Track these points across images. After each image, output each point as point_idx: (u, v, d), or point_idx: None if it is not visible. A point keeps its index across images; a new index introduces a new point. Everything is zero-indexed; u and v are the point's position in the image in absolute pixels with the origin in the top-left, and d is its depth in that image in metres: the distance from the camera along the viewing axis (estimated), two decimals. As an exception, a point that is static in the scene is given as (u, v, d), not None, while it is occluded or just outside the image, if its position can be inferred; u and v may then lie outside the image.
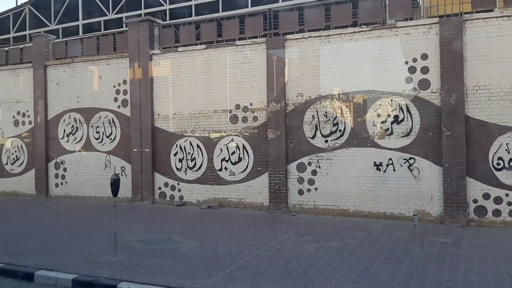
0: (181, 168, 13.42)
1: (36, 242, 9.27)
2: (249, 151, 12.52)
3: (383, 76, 11.12)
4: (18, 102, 16.04)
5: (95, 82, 14.70)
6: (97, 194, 14.65)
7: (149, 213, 12.38)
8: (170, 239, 9.34)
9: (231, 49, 12.73)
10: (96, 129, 14.69)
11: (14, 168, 16.14)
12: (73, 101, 15.05)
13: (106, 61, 14.54)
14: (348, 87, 11.43)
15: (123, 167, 14.27)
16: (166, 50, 13.66)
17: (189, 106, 13.29)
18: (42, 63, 15.46)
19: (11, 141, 16.21)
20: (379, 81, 11.16)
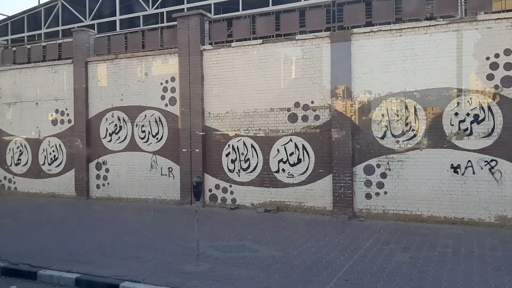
0: (234, 169, 12.72)
1: (100, 248, 8.59)
2: (310, 152, 11.81)
3: (461, 72, 10.38)
4: (56, 99, 15.41)
5: (141, 79, 14.05)
6: (141, 196, 13.99)
7: (204, 216, 11.66)
8: (244, 246, 8.64)
9: (291, 43, 12.03)
10: (141, 128, 14.03)
11: (52, 168, 15.51)
12: (117, 99, 14.40)
13: (153, 57, 13.88)
14: (422, 83, 10.70)
15: (171, 168, 13.60)
16: (218, 46, 12.98)
17: (243, 104, 12.60)
18: (83, 59, 14.83)
19: (48, 141, 15.58)
20: (456, 77, 10.43)
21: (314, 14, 11.94)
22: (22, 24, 20.53)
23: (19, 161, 16.12)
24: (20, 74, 16.11)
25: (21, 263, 7.62)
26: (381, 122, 11.07)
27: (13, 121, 16.25)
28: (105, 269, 7.27)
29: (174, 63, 13.49)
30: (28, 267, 7.39)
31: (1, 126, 16.45)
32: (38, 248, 8.59)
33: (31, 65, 15.94)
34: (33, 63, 16.02)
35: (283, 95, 12.10)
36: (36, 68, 15.80)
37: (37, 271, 7.22)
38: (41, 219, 11.77)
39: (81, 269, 7.27)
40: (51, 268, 7.30)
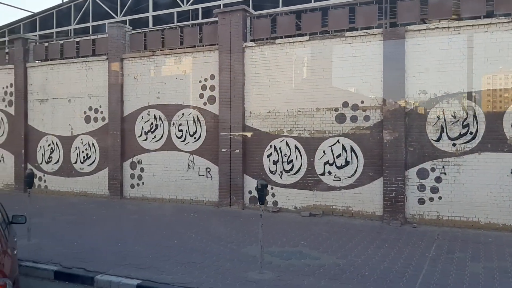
0: (276, 171, 12.28)
1: (152, 251, 8.21)
2: (359, 154, 11.33)
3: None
4: (90, 97, 15.10)
5: (179, 77, 13.67)
6: (178, 196, 13.61)
7: (247, 219, 11.26)
8: (302, 253, 8.20)
9: (339, 41, 11.56)
10: (178, 127, 13.65)
11: (84, 167, 15.19)
12: (153, 97, 14.04)
13: (192, 55, 13.50)
14: (482, 84, 10.17)
15: (208, 168, 13.20)
16: (261, 43, 12.55)
17: (287, 103, 12.16)
18: (118, 56, 14.49)
19: (81, 138, 15.27)
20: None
21: (365, 10, 11.46)
22: (50, 20, 20.30)
23: (50, 159, 15.84)
24: (52, 70, 15.83)
25: (74, 267, 7.26)
26: (437, 123, 10.55)
27: (44, 118, 15.97)
28: (165, 275, 6.87)
29: (214, 61, 13.08)
30: (84, 272, 7.02)
31: (32, 123, 16.19)
32: (88, 251, 8.22)
33: (64, 61, 15.64)
34: (66, 59, 15.72)
35: (330, 95, 11.64)
36: (69, 65, 15.50)
37: (94, 276, 6.84)
38: (79, 219, 11.43)
39: (139, 274, 6.89)
40: (108, 273, 6.92)
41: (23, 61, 16.24)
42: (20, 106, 16.26)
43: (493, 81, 10.12)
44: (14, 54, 16.49)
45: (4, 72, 16.88)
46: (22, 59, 16.24)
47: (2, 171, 16.86)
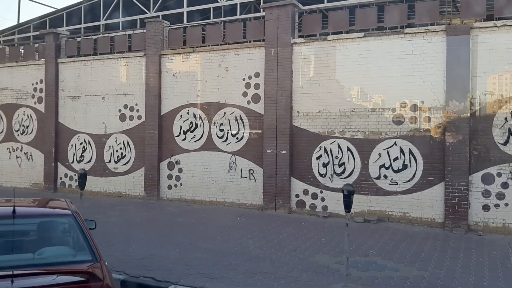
0: (326, 174, 11.72)
1: (213, 259, 7.67)
2: (418, 157, 10.74)
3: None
4: (125, 94, 14.59)
5: (221, 74, 13.13)
6: (218, 199, 13.07)
7: (299, 225, 10.69)
8: (377, 263, 7.63)
9: (397, 37, 10.99)
10: (219, 126, 13.11)
11: (119, 167, 14.68)
12: (193, 95, 13.52)
13: (235, 51, 12.96)
14: (556, 85, 9.57)
15: (252, 170, 12.65)
16: (311, 39, 12.00)
17: (339, 103, 11.60)
18: (156, 52, 13.98)
19: (115, 137, 14.77)
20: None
21: (426, 6, 10.88)
22: (78, 15, 19.81)
23: (82, 158, 15.35)
24: (85, 66, 15.34)
25: (142, 275, 6.73)
26: (504, 126, 9.96)
27: (76, 116, 15.48)
28: (242, 286, 6.33)
29: (259, 58, 12.55)
30: (154, 282, 6.49)
31: (63, 121, 15.71)
32: (147, 257, 7.70)
33: (98, 57, 15.16)
34: (100, 55, 15.24)
35: (387, 94, 11.06)
36: (103, 61, 15.01)
37: (167, 286, 6.30)
38: (123, 221, 10.92)
39: (212, 285, 6.35)
40: (180, 284, 6.38)
41: (54, 57, 15.76)
42: (50, 103, 15.78)
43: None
44: (45, 49, 16.01)
45: (33, 68, 16.42)
46: (53, 55, 15.76)
47: (31, 169, 16.40)
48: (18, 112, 16.65)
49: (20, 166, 16.60)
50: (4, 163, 16.94)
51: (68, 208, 5.02)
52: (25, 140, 16.50)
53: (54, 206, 5.32)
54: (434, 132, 10.58)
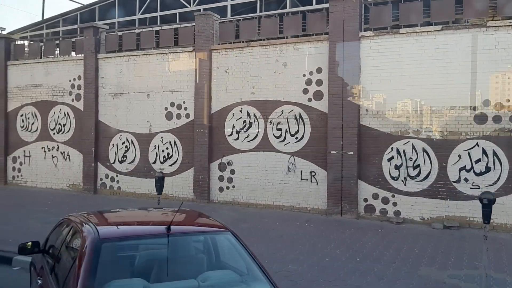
0: (398, 176, 10.95)
1: (311, 272, 6.92)
2: (503, 159, 9.96)
3: None
4: (172, 91, 13.84)
5: (278, 70, 12.37)
6: (275, 202, 12.32)
7: (375, 232, 9.92)
8: (494, 278, 6.86)
9: (479, 31, 10.20)
10: (276, 125, 12.35)
11: (165, 167, 13.94)
12: (247, 92, 12.76)
13: (294, 45, 12.19)
14: None
15: (313, 172, 11.89)
16: (381, 32, 11.22)
17: (413, 100, 10.83)
18: (206, 47, 13.22)
19: (161, 137, 14.02)
20: None
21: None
22: (111, 9, 19.05)
23: (125, 158, 14.62)
24: (128, 62, 14.60)
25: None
26: None
27: (118, 114, 14.75)
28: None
29: (322, 52, 11.78)
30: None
31: (104, 119, 14.97)
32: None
33: (141, 52, 14.40)
34: (143, 50, 14.49)
35: (467, 91, 10.28)
36: (148, 56, 14.26)
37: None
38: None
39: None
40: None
41: (94, 52, 15.02)
42: (90, 101, 15.04)
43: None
44: (83, 44, 15.26)
45: (70, 64, 15.69)
46: (93, 50, 15.02)
47: (68, 170, 15.68)
48: (54, 110, 15.92)
49: (56, 166, 15.89)
50: (39, 163, 16.24)
51: (220, 222, 4.28)
52: (62, 139, 15.79)
53: (205, 222, 4.49)
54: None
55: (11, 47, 17.11)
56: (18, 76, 16.70)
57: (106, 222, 4.42)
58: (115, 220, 4.64)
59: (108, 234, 3.67)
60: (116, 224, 4.35)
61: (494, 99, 10.05)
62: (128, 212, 5.18)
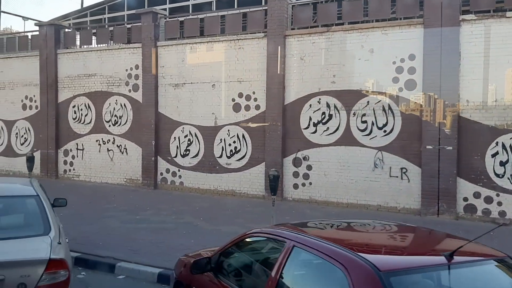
0: (504, 174, 9.96)
1: None
2: None
3: None
4: (240, 81, 12.95)
5: (363, 57, 11.39)
6: (359, 201, 11.42)
7: (490, 237, 8.93)
8: None
9: None
10: (361, 118, 11.41)
11: (232, 162, 13.11)
12: (326, 81, 11.82)
13: (382, 30, 11.19)
14: None
15: (404, 168, 10.95)
16: (485, 16, 10.17)
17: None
18: (280, 33, 12.29)
19: (228, 129, 13.18)
20: None
21: None
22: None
23: (187, 152, 13.82)
24: (190, 50, 13.74)
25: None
26: None
27: (179, 106, 13.93)
28: None
29: (415, 37, 10.77)
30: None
31: (164, 111, 14.18)
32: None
33: (206, 39, 13.53)
34: (208, 37, 13.62)
35: None
36: (213, 43, 13.38)
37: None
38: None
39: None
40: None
41: (153, 39, 14.18)
42: (149, 91, 14.24)
43: None
44: (142, 31, 14.43)
45: (127, 52, 14.89)
46: (152, 37, 14.18)
47: (125, 164, 14.95)
48: (110, 101, 15.17)
49: (112, 160, 15.17)
50: (93, 156, 15.54)
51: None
52: (118, 132, 15.05)
53: (480, 248, 3.35)
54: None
55: (60, 35, 16.37)
56: (69, 65, 15.97)
57: (351, 244, 3.32)
58: (352, 240, 3.60)
59: (389, 265, 2.73)
60: (361, 247, 3.24)
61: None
62: (346, 226, 4.08)
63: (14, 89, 17.26)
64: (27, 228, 4.50)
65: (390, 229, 3.87)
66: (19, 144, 17.20)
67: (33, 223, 4.55)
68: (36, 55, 16.58)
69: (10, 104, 17.38)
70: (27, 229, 4.49)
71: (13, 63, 17.28)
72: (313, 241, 3.11)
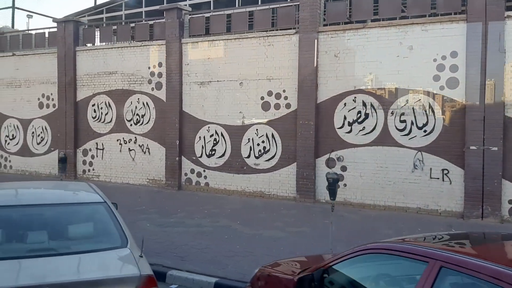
0: (553, 176, 9.57)
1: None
2: None
3: None
4: (270, 79, 12.55)
5: (401, 54, 10.99)
6: (397, 203, 11.03)
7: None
8: None
9: None
10: (400, 117, 11.01)
11: (261, 162, 12.71)
12: (362, 79, 11.42)
13: (422, 26, 10.79)
14: None
15: (446, 169, 10.55)
16: (534, 10, 9.78)
17: None
18: (313, 29, 11.88)
19: (256, 129, 12.78)
20: None
21: None
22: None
23: (213, 152, 13.42)
24: (217, 47, 13.33)
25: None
26: None
27: (205, 104, 13.52)
28: None
29: (458, 34, 10.37)
30: None
31: (188, 110, 13.77)
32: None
33: (233, 36, 13.11)
34: (234, 33, 13.20)
35: None
36: (241, 40, 12.97)
37: None
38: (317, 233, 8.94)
39: None
40: None
41: (178, 36, 13.77)
42: (173, 90, 13.84)
43: None
44: (165, 28, 14.01)
45: (149, 50, 14.48)
46: (177, 34, 13.77)
47: (147, 164, 14.55)
48: (131, 100, 14.76)
49: (133, 160, 14.77)
50: (113, 156, 15.14)
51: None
52: (140, 131, 14.64)
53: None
54: None
55: (79, 32, 15.96)
56: (89, 62, 15.56)
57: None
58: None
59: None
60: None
61: None
62: (482, 241, 3.57)
63: (30, 87, 16.85)
64: (102, 240, 4.08)
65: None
66: (36, 144, 16.80)
67: (107, 233, 4.14)
68: (53, 52, 16.18)
69: (26, 102, 16.98)
70: (102, 240, 4.06)
71: (29, 61, 16.88)
72: (474, 262, 2.68)
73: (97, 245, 3.96)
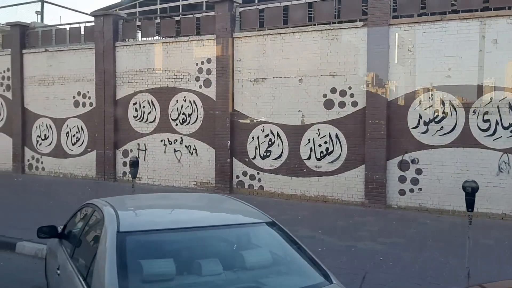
0: None
1: None
2: None
3: None
4: (333, 75, 11.73)
5: (485, 48, 10.16)
6: (480, 209, 10.06)
7: None
8: None
9: None
10: (483, 116, 10.20)
11: (323, 165, 11.89)
12: (439, 75, 10.59)
13: (508, 18, 9.96)
14: None
15: (536, 173, 9.73)
16: None
17: None
18: (383, 21, 11.06)
19: (317, 129, 11.96)
20: None
21: None
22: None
23: (268, 154, 12.60)
24: (273, 42, 12.50)
25: None
26: None
27: (259, 103, 12.71)
28: None
29: (552, 26, 9.54)
30: None
31: (241, 109, 12.96)
32: None
33: (292, 29, 12.29)
34: (293, 27, 12.38)
35: None
36: (300, 34, 12.14)
37: None
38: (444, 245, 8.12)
39: None
40: None
41: (229, 31, 12.95)
42: (224, 87, 13.02)
43: None
44: (215, 21, 13.19)
45: (197, 45, 13.66)
46: (228, 28, 12.95)
47: (194, 166, 13.74)
48: (177, 98, 13.94)
49: (179, 162, 13.96)
50: (157, 157, 14.33)
51: None
52: (187, 131, 13.83)
53: None
54: None
55: (119, 26, 15.15)
56: (129, 59, 14.75)
57: None
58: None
59: None
60: None
61: None
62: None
63: (65, 85, 16.06)
64: (293, 274, 3.25)
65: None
66: (71, 144, 16.02)
67: (295, 265, 3.32)
68: (90, 48, 15.38)
69: (60, 101, 16.20)
70: (295, 275, 3.23)
71: (64, 57, 16.08)
72: None
73: (293, 280, 3.13)
